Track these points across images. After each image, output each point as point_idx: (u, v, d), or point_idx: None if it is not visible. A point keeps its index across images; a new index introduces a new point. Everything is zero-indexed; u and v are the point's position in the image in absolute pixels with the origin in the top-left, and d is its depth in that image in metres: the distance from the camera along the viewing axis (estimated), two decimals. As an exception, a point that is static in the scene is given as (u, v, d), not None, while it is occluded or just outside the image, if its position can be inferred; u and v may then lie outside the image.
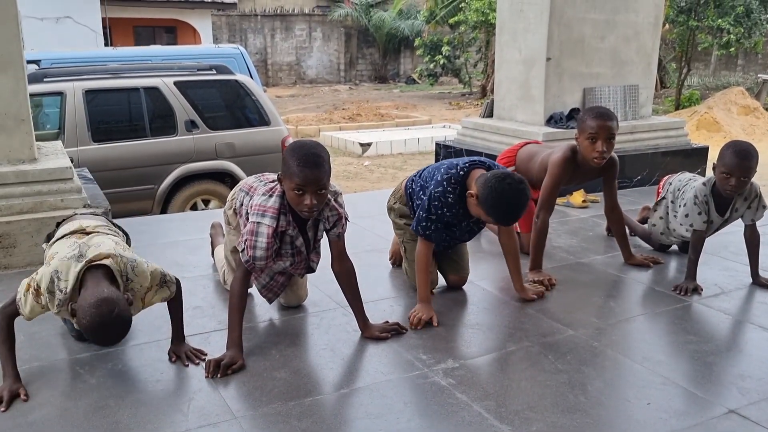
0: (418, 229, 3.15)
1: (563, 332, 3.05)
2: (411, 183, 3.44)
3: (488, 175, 2.91)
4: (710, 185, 3.58)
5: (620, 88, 6.29)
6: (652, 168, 6.15)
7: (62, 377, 2.61)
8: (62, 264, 2.37)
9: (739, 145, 3.44)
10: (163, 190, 6.24)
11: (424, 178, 3.29)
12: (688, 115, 13.62)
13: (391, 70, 29.48)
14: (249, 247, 2.68)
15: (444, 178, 3.07)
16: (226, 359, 2.64)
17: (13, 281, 3.62)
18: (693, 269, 3.58)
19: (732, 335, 3.07)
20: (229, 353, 2.67)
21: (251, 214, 2.71)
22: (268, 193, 2.73)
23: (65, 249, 2.45)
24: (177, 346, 2.74)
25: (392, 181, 10.31)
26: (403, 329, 3.00)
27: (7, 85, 3.85)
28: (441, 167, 3.17)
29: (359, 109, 18.43)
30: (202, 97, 6.66)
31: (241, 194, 2.95)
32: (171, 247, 4.26)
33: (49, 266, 2.40)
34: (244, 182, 3.02)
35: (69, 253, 2.41)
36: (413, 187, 3.39)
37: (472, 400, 2.46)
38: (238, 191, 3.02)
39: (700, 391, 2.55)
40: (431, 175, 3.22)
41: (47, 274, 2.37)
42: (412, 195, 3.39)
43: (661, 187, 4.11)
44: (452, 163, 3.13)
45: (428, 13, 23.17)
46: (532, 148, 4.15)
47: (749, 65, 21.33)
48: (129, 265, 2.45)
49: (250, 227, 2.69)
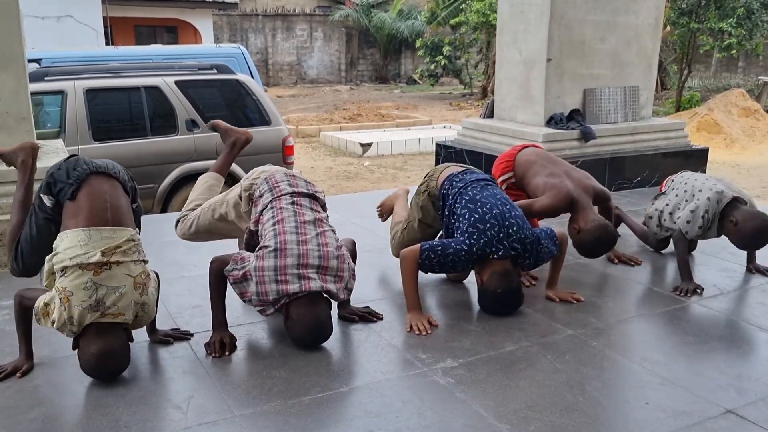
0: (426, 255, 3.07)
1: (562, 332, 3.05)
2: (449, 185, 3.32)
3: (495, 279, 3.08)
4: (721, 206, 3.56)
5: (620, 89, 6.30)
6: (652, 169, 6.16)
7: (62, 375, 2.62)
8: (78, 312, 2.40)
9: (760, 225, 3.44)
10: (164, 189, 6.25)
11: (462, 201, 3.17)
12: (689, 116, 13.61)
13: (392, 70, 29.48)
14: (261, 283, 2.69)
15: (468, 246, 3.04)
16: (223, 339, 2.82)
17: (13, 279, 3.62)
18: (687, 269, 3.61)
19: (730, 336, 3.07)
20: (219, 334, 2.84)
21: (264, 279, 2.69)
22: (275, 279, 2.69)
23: (80, 293, 2.39)
24: (155, 334, 2.90)
25: (392, 181, 10.32)
26: (378, 317, 3.15)
27: (8, 84, 3.86)
28: (472, 218, 3.08)
29: (360, 110, 18.43)
30: (202, 97, 6.66)
31: (264, 186, 2.95)
32: (171, 246, 4.26)
33: (65, 309, 2.39)
34: (271, 174, 3.01)
35: (85, 299, 2.39)
36: (449, 191, 3.29)
37: (471, 400, 2.47)
38: (262, 181, 2.99)
39: (698, 391, 2.56)
40: (464, 213, 3.12)
41: (61, 317, 2.40)
42: (445, 197, 3.31)
43: (664, 185, 4.12)
44: (478, 232, 3.04)
45: (429, 14, 23.17)
46: (530, 156, 3.95)
47: (750, 67, 21.34)
48: (142, 307, 2.55)
49: (261, 289, 2.69)
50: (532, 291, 3.47)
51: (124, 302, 2.45)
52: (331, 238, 2.86)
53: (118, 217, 2.56)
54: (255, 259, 2.71)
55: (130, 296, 2.47)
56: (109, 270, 2.44)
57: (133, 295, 2.48)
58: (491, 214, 3.08)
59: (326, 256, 2.75)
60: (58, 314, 2.40)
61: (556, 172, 3.74)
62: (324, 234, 2.83)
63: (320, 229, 2.85)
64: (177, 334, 2.94)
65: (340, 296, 2.83)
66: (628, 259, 4.00)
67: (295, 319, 2.72)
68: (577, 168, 3.94)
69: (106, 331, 2.45)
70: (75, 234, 2.46)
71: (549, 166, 3.82)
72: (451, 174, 3.38)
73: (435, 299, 3.38)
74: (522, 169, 3.93)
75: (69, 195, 2.54)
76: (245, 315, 3.12)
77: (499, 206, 3.12)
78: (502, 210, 3.11)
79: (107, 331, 2.45)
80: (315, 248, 2.74)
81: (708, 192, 3.60)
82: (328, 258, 2.75)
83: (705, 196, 3.59)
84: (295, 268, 2.67)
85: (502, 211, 3.10)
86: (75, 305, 2.38)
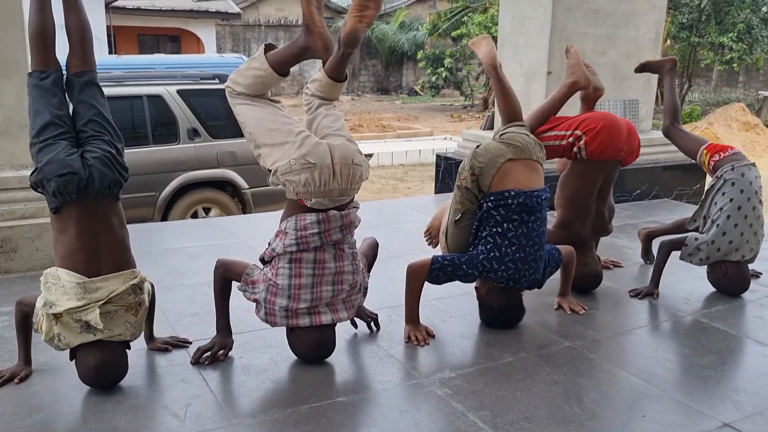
0: (435, 274, 3.05)
1: (560, 344, 3.06)
2: (495, 201, 3.02)
3: (494, 295, 3.13)
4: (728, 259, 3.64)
5: (620, 102, 6.32)
6: (651, 183, 6.18)
7: (60, 381, 2.62)
8: (66, 332, 2.42)
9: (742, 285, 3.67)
10: (165, 197, 6.26)
11: (492, 229, 3.02)
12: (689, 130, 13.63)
13: (394, 81, 29.57)
14: (271, 314, 2.69)
15: (478, 273, 3.05)
16: (216, 346, 2.81)
17: (13, 285, 3.64)
18: (658, 277, 3.71)
19: (727, 349, 3.08)
20: (219, 339, 2.85)
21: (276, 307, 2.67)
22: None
23: (73, 322, 2.40)
24: (153, 342, 2.91)
25: (393, 192, 10.34)
26: (375, 324, 3.16)
27: (12, 91, 3.89)
28: (492, 254, 3.00)
29: (361, 120, 18.48)
30: (204, 106, 6.68)
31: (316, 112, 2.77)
32: (171, 254, 4.28)
33: (53, 324, 2.41)
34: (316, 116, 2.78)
35: (76, 324, 2.41)
36: (490, 204, 3.03)
37: (468, 410, 2.47)
38: (315, 106, 2.80)
39: (695, 404, 2.57)
40: (488, 241, 3.02)
41: (50, 330, 2.42)
42: (484, 209, 3.06)
43: (712, 165, 3.77)
44: (492, 270, 3.01)
45: (431, 26, 23.27)
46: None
47: (750, 82, 21.42)
48: (133, 326, 2.57)
49: (271, 319, 2.70)
50: (530, 304, 3.47)
51: (115, 324, 2.48)
52: (349, 273, 2.72)
53: (111, 256, 2.50)
54: (266, 291, 2.65)
55: (122, 318, 2.51)
56: (110, 315, 2.48)
57: (125, 317, 2.52)
58: (512, 258, 2.99)
59: (339, 292, 2.71)
60: (48, 327, 2.42)
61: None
62: (342, 272, 2.69)
63: (339, 264, 2.69)
64: (175, 341, 2.95)
65: (350, 317, 2.88)
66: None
67: (299, 337, 2.74)
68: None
69: (103, 341, 2.46)
70: (69, 283, 2.40)
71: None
72: (505, 193, 3.00)
73: (434, 310, 3.39)
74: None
75: (53, 209, 2.49)
76: (245, 323, 3.13)
77: (526, 249, 3.00)
78: (526, 253, 3.00)
79: (104, 341, 2.46)
80: (329, 288, 2.68)
81: (735, 248, 3.59)
82: (342, 292, 2.72)
83: (730, 250, 3.59)
84: (306, 310, 2.66)
85: (525, 255, 3.00)
86: (65, 324, 2.42)
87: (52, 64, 2.64)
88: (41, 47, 2.62)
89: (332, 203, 2.59)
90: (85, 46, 2.71)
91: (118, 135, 2.65)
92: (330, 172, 2.53)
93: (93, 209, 2.48)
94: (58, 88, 2.61)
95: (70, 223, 2.46)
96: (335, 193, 2.57)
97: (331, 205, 2.59)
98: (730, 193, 3.59)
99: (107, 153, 2.53)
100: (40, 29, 2.62)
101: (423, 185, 10.68)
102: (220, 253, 3.50)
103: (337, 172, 2.54)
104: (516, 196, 2.98)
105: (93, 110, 2.62)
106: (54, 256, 2.53)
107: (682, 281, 3.87)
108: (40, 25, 2.62)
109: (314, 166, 2.50)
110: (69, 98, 2.67)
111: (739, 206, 3.56)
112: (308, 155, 2.51)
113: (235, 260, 2.82)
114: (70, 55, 2.70)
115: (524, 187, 3.01)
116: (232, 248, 4.44)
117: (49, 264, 2.74)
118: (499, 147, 3.07)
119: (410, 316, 3.13)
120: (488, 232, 3.03)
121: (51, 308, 2.39)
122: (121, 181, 2.56)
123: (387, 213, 5.80)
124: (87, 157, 2.48)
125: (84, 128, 2.58)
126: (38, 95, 2.57)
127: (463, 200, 3.12)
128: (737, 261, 3.61)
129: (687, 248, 3.63)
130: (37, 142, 2.50)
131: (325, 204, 2.57)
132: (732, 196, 3.57)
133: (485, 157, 3.04)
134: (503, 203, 2.99)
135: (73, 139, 2.55)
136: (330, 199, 2.58)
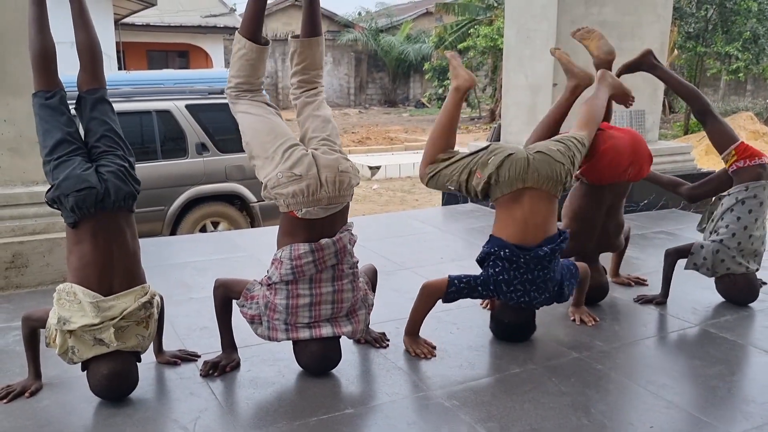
0: (452, 296, 3.04)
1: (567, 355, 3.06)
2: (505, 255, 2.97)
3: (506, 310, 3.12)
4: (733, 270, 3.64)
5: (626, 112, 6.33)
6: (659, 193, 6.16)
7: (70, 395, 2.64)
8: (80, 344, 2.46)
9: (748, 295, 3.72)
10: (173, 211, 6.31)
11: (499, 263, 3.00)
12: (697, 139, 13.61)
13: (401, 94, 29.70)
14: (272, 329, 2.71)
15: (492, 293, 3.06)
16: (224, 361, 2.84)
17: (24, 300, 3.67)
18: (667, 286, 3.73)
19: (736, 360, 3.07)
20: (225, 356, 2.88)
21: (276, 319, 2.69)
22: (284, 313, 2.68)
23: (87, 335, 2.44)
24: (162, 356, 2.93)
25: (401, 204, 10.36)
26: (384, 343, 3.15)
27: (22, 109, 3.93)
28: (501, 277, 2.97)
29: (369, 133, 18.56)
30: (212, 120, 6.73)
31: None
32: (179, 268, 4.31)
33: (67, 338, 2.44)
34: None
35: (89, 337, 2.45)
36: (496, 254, 3.01)
37: (475, 422, 2.48)
38: (300, 104, 3.04)
39: (703, 415, 2.56)
40: (497, 265, 2.99)
41: (64, 344, 2.45)
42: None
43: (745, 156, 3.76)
44: (501, 293, 3.01)
45: (437, 39, 23.39)
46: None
47: (758, 90, 21.35)
48: (143, 337, 2.59)
49: (273, 334, 2.71)
50: (538, 315, 3.46)
51: (127, 337, 2.52)
52: (348, 291, 2.73)
53: (123, 269, 2.55)
54: (265, 308, 2.68)
55: (134, 331, 2.54)
56: (122, 329, 2.51)
57: (136, 330, 2.55)
58: (520, 280, 2.97)
59: (339, 309, 2.73)
60: (62, 341, 2.45)
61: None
62: (341, 291, 2.71)
63: (338, 284, 2.70)
64: (184, 354, 2.97)
65: (356, 336, 2.89)
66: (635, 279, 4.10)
67: (302, 349, 2.76)
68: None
69: (115, 352, 2.49)
70: (85, 300, 2.43)
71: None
72: (514, 250, 2.94)
73: (441, 322, 3.39)
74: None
75: (71, 224, 2.54)
76: (252, 336, 3.14)
77: (534, 272, 2.96)
78: (534, 276, 2.96)
79: (116, 352, 2.49)
80: (329, 307, 2.70)
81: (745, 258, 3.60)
82: (342, 309, 2.74)
83: (737, 260, 3.59)
84: (306, 325, 2.69)
85: (534, 277, 2.96)
86: (78, 338, 2.45)
87: (56, 83, 2.70)
88: (44, 68, 2.69)
89: (324, 212, 2.63)
90: (95, 63, 2.77)
91: (129, 149, 2.73)
92: (317, 182, 2.58)
93: (108, 222, 2.54)
94: (65, 106, 2.68)
95: (85, 236, 2.51)
96: (324, 201, 2.61)
97: (323, 213, 2.63)
98: (738, 211, 3.60)
99: (121, 167, 2.60)
100: (41, 51, 2.68)
101: (431, 197, 10.70)
102: (229, 266, 3.53)
103: (323, 181, 2.60)
104: (524, 252, 2.93)
105: (105, 126, 2.68)
106: (65, 271, 2.56)
107: (690, 291, 3.86)
108: (40, 48, 2.68)
109: (300, 177, 2.57)
110: (80, 115, 2.73)
111: (745, 226, 3.58)
112: (294, 167, 2.58)
113: (235, 279, 2.86)
114: (81, 72, 2.76)
115: (530, 223, 2.96)
116: (241, 262, 4.47)
117: (60, 279, 2.78)
118: (524, 169, 2.94)
119: (412, 329, 3.13)
120: (495, 257, 3.00)
121: (65, 324, 2.42)
122: (135, 193, 2.63)
123: (395, 225, 5.81)
124: (102, 171, 2.55)
125: (97, 144, 2.65)
126: (46, 114, 2.63)
127: (460, 184, 3.09)
128: (743, 272, 3.61)
129: (693, 257, 3.63)
130: (51, 160, 2.56)
131: (316, 213, 2.61)
132: (740, 215, 3.59)
133: (508, 173, 2.95)
134: (506, 257, 2.95)
135: (86, 155, 2.61)
136: (321, 208, 2.61)
